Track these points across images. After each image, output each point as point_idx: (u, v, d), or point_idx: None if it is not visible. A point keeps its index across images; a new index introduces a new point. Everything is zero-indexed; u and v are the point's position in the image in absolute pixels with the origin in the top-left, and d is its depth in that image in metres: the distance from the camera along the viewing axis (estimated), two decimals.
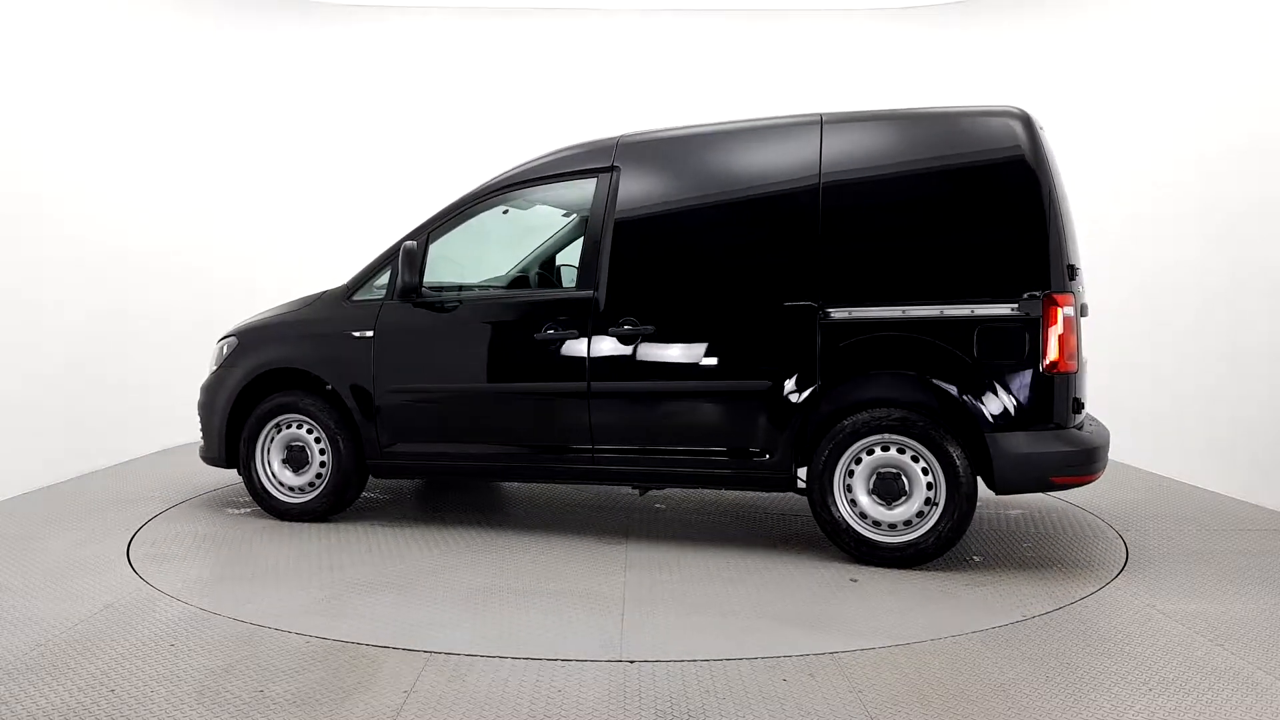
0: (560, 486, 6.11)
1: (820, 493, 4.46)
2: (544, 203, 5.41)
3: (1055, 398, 4.21)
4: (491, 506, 5.75)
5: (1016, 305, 4.20)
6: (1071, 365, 4.20)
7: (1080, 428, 4.34)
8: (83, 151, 6.88)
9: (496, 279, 5.66)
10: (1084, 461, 4.26)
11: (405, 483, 6.34)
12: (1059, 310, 4.16)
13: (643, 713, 2.91)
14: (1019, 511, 5.42)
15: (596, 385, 4.75)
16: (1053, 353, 4.16)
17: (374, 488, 6.23)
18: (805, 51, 8.58)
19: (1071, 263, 4.27)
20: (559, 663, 3.29)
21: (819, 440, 4.48)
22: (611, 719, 2.88)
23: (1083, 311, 4.51)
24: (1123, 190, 6.98)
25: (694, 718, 2.87)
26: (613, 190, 4.86)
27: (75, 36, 6.84)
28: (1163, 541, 4.84)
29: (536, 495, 6.06)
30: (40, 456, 6.28)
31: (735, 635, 3.58)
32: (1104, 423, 4.75)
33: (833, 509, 4.45)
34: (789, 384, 4.47)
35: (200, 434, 5.65)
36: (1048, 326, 4.16)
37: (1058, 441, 4.21)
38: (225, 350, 5.62)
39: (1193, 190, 6.30)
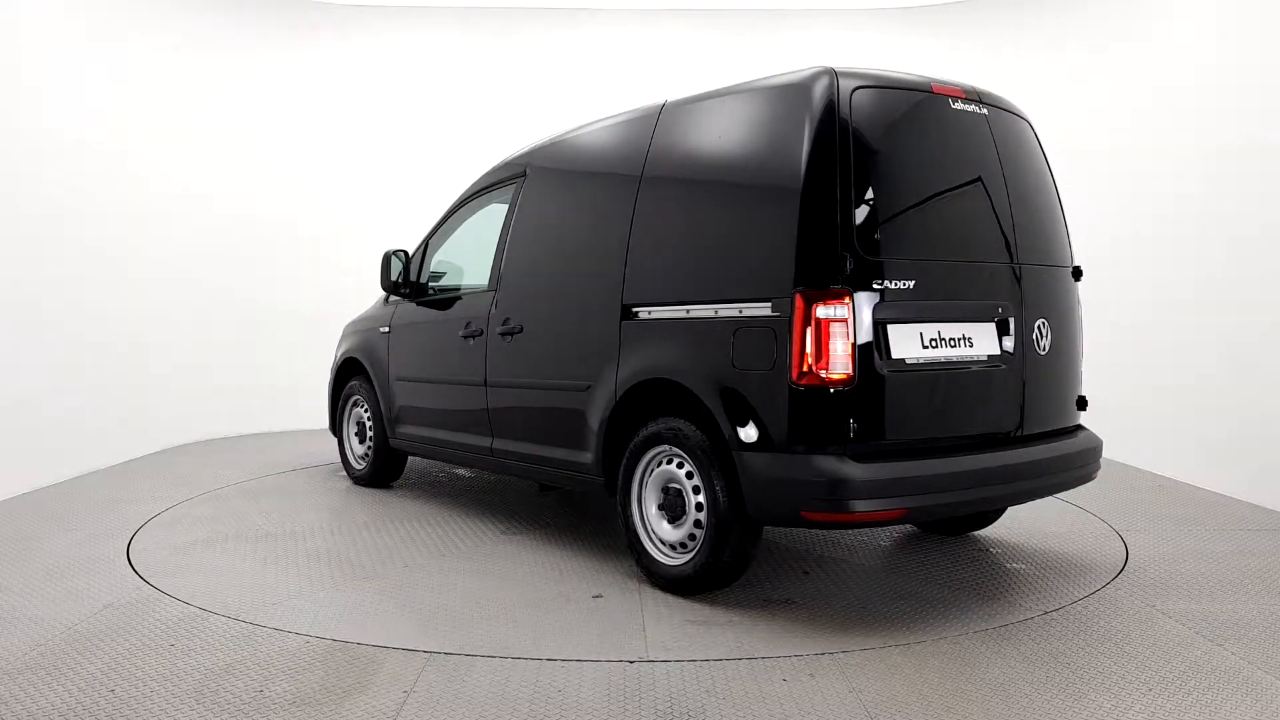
0: None
1: (621, 503, 4.19)
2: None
3: (809, 416, 3.50)
4: (517, 494, 5.79)
5: (772, 304, 3.59)
6: (843, 377, 3.48)
7: (870, 457, 3.50)
8: (84, 152, 6.89)
9: None
10: (860, 495, 3.42)
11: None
12: (815, 310, 3.47)
13: (643, 713, 2.91)
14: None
15: (491, 380, 5.03)
16: (804, 362, 3.48)
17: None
18: (805, 52, 8.58)
19: (845, 252, 3.49)
20: (559, 663, 3.29)
21: (622, 448, 4.23)
22: (611, 719, 2.88)
23: (1040, 311, 4.02)
24: (1123, 190, 6.98)
25: (694, 718, 2.87)
26: (518, 195, 5.09)
27: (80, 40, 6.85)
28: (1163, 541, 4.84)
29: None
30: (40, 456, 6.29)
31: (377, 624, 3.67)
32: (1095, 429, 4.64)
33: (628, 520, 4.15)
34: (601, 387, 4.28)
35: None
36: (800, 329, 3.49)
37: (812, 469, 3.45)
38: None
39: (1193, 190, 6.29)
